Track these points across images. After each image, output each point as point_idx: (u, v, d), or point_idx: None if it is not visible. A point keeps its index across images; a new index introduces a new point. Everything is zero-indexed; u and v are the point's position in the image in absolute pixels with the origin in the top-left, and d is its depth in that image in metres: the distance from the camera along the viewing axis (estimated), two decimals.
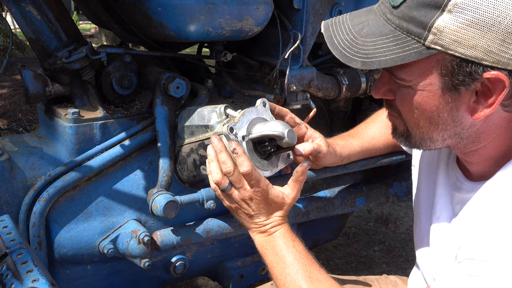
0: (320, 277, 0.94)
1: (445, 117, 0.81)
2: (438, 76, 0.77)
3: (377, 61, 0.77)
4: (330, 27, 0.86)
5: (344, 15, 0.87)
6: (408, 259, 2.48)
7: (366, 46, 0.79)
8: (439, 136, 0.84)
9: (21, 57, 5.87)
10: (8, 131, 2.58)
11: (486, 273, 0.73)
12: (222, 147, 0.98)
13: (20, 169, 1.19)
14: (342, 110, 1.74)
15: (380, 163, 1.41)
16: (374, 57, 0.78)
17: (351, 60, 0.80)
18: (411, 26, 0.75)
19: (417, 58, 0.75)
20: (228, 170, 0.96)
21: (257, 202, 0.98)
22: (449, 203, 0.95)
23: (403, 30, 0.77)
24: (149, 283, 1.46)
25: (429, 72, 0.78)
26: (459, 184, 0.92)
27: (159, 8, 1.18)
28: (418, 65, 0.78)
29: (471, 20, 0.71)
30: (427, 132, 0.85)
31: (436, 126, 0.83)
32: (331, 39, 0.84)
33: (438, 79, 0.78)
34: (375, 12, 0.82)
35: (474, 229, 0.81)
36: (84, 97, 1.30)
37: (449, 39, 0.73)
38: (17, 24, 1.21)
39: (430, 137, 0.85)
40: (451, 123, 0.82)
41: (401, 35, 0.77)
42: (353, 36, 0.81)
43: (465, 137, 0.84)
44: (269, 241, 1.00)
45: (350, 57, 0.80)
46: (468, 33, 0.71)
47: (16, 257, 0.83)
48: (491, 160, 0.86)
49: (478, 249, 0.76)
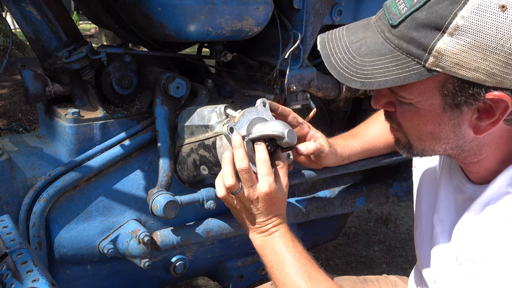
0: (320, 278, 0.94)
1: (447, 133, 0.80)
2: (440, 96, 0.76)
3: (376, 81, 0.76)
4: (326, 44, 0.83)
5: (340, 30, 0.84)
6: (408, 259, 2.48)
7: (365, 66, 0.77)
8: (441, 149, 0.84)
9: (21, 57, 5.87)
10: (8, 131, 2.58)
11: (487, 275, 0.73)
12: (242, 144, 0.98)
13: (20, 169, 1.19)
14: (342, 110, 1.74)
15: (380, 163, 1.41)
16: (374, 78, 0.76)
17: (350, 81, 0.78)
18: (410, 47, 0.73)
19: (418, 79, 0.74)
20: (244, 167, 0.95)
21: (263, 201, 0.98)
22: (451, 205, 0.95)
23: (402, 50, 0.75)
24: (149, 283, 1.46)
25: (430, 92, 0.77)
26: (462, 186, 0.92)
27: (159, 8, 1.18)
28: (419, 85, 0.76)
29: (473, 43, 0.69)
30: (429, 145, 0.84)
31: (438, 140, 0.83)
32: (328, 58, 0.82)
33: (440, 99, 0.77)
34: (372, 29, 0.80)
35: (474, 231, 0.81)
36: (84, 97, 1.30)
37: (451, 62, 0.71)
38: (17, 24, 1.20)
39: (432, 149, 0.85)
40: (453, 137, 0.81)
41: (401, 55, 0.75)
42: (351, 55, 0.79)
43: (466, 149, 0.83)
44: (269, 241, 1.00)
45: (349, 77, 0.78)
46: (470, 56, 0.70)
47: (16, 257, 0.83)
48: (492, 169, 0.85)
49: (479, 251, 0.76)
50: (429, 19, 0.71)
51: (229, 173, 0.97)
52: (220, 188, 1.00)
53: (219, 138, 1.09)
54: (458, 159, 0.89)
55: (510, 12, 0.67)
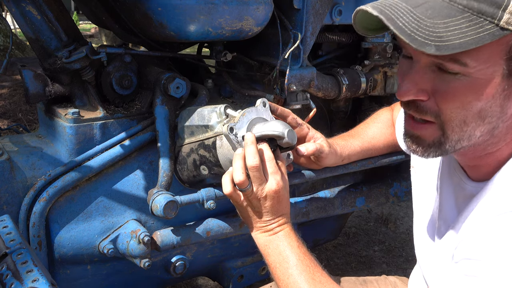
0: (323, 280, 0.93)
1: (496, 107, 0.76)
2: (504, 60, 0.73)
3: (451, 44, 0.69)
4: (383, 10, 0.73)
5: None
6: (408, 259, 2.48)
7: (438, 28, 0.70)
8: (479, 132, 0.79)
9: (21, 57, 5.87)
10: (8, 131, 2.57)
11: (483, 273, 0.72)
12: (254, 142, 0.97)
13: (20, 169, 1.19)
14: (342, 110, 1.74)
15: (380, 163, 1.41)
16: (449, 40, 0.69)
17: (424, 45, 0.69)
18: (482, 5, 0.70)
19: (491, 40, 0.69)
20: (255, 164, 0.94)
21: (271, 199, 0.97)
22: (453, 204, 0.94)
23: (473, 10, 0.70)
24: (149, 283, 1.46)
25: (496, 56, 0.73)
26: (462, 184, 0.92)
27: (159, 8, 1.18)
28: (487, 49, 0.72)
29: None
30: (471, 129, 0.78)
31: (483, 120, 0.77)
32: (394, 21, 0.71)
33: (503, 63, 0.73)
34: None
35: (470, 228, 0.80)
36: (84, 97, 1.30)
37: None
38: (17, 24, 1.20)
39: (470, 134, 0.79)
40: (497, 114, 0.77)
41: (472, 15, 0.70)
42: (419, 18, 0.71)
43: (496, 134, 0.80)
44: (273, 241, 0.99)
45: (423, 41, 0.69)
46: None
47: (16, 257, 0.83)
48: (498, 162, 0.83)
49: (474, 249, 0.76)
50: None
51: (240, 168, 0.96)
52: (227, 184, 0.99)
53: (219, 138, 1.09)
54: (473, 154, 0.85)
55: None
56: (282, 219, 1.00)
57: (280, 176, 0.98)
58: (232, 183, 0.98)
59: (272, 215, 0.99)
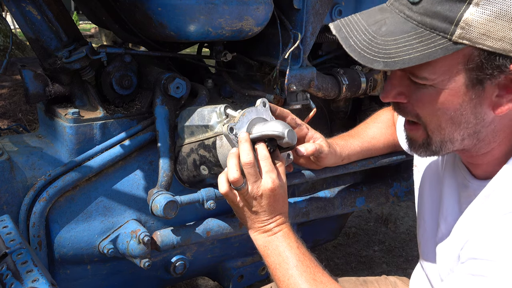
0: (324, 280, 0.93)
1: (468, 115, 0.78)
2: (464, 71, 0.75)
3: (400, 60, 0.73)
4: (343, 28, 0.80)
5: (355, 15, 0.82)
6: (408, 259, 2.48)
7: (388, 45, 0.75)
8: (459, 136, 0.82)
9: (21, 57, 5.87)
10: (8, 131, 2.58)
11: (490, 272, 0.72)
12: (248, 139, 0.97)
13: (20, 169, 1.19)
14: (342, 110, 1.74)
15: (380, 163, 1.41)
16: (397, 57, 0.73)
17: (372, 61, 0.75)
18: (435, 21, 0.72)
19: (444, 54, 0.72)
20: (249, 160, 0.94)
21: (267, 198, 0.97)
22: (456, 202, 0.94)
23: (426, 26, 0.73)
24: (149, 283, 1.46)
25: (454, 68, 0.75)
26: (466, 183, 0.91)
27: (159, 8, 1.18)
28: (443, 62, 0.75)
29: (499, 12, 0.69)
30: (448, 133, 0.82)
31: (458, 125, 0.80)
32: (346, 40, 0.78)
33: (464, 75, 0.75)
34: (390, 11, 0.78)
35: (476, 228, 0.80)
36: (84, 97, 1.30)
37: (477, 33, 0.70)
38: (17, 24, 1.21)
39: (450, 138, 0.82)
40: (473, 121, 0.79)
41: (425, 31, 0.73)
42: (371, 36, 0.76)
43: (482, 137, 0.82)
44: (272, 241, 0.99)
45: (371, 58, 0.75)
46: (496, 25, 0.69)
47: (16, 257, 0.83)
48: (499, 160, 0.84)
49: (481, 248, 0.76)
50: None
51: (234, 166, 0.95)
52: (223, 183, 0.98)
53: (219, 138, 1.09)
54: (470, 152, 0.87)
55: None
56: (280, 218, 1.00)
57: (276, 175, 0.97)
58: (228, 182, 0.97)
59: (269, 214, 0.99)
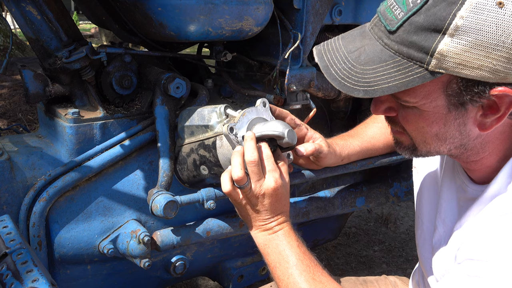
0: (324, 280, 0.93)
1: (453, 132, 0.80)
2: (444, 96, 0.76)
3: (379, 89, 0.75)
4: (324, 55, 0.83)
5: (336, 40, 0.83)
6: (408, 259, 2.48)
7: (367, 74, 0.76)
8: (446, 149, 0.84)
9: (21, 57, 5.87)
10: (8, 131, 2.58)
11: (486, 273, 0.73)
12: (253, 138, 0.98)
13: (20, 169, 1.19)
14: (342, 110, 1.74)
15: (380, 163, 1.41)
16: (376, 85, 0.75)
17: (353, 90, 0.77)
18: (411, 51, 0.73)
19: (422, 82, 0.73)
20: (254, 159, 0.95)
21: (269, 197, 0.97)
22: (454, 206, 0.95)
23: (403, 55, 0.74)
24: (149, 283, 1.46)
25: (434, 94, 0.76)
26: (464, 187, 0.92)
27: (159, 8, 1.18)
28: (423, 88, 0.76)
29: (474, 42, 0.69)
30: (434, 147, 0.84)
31: (443, 141, 0.82)
32: (327, 69, 0.81)
33: (444, 99, 0.77)
34: (369, 36, 0.79)
35: (473, 230, 0.81)
36: (84, 97, 1.30)
37: (453, 63, 0.71)
38: (17, 24, 1.21)
39: (437, 150, 0.85)
40: (458, 137, 0.81)
41: (402, 60, 0.74)
42: (351, 64, 0.78)
43: (469, 148, 0.83)
44: (273, 240, 0.99)
45: (351, 87, 0.77)
46: (472, 55, 0.70)
47: (16, 257, 0.83)
48: (493, 166, 0.85)
49: (477, 250, 0.76)
50: (428, 22, 0.70)
51: (239, 164, 0.96)
52: (226, 182, 0.99)
53: (219, 138, 1.09)
54: (460, 159, 0.89)
55: (508, 7, 0.68)
56: (281, 217, 1.00)
57: (279, 174, 0.98)
58: (231, 181, 0.98)
59: (270, 213, 0.99)
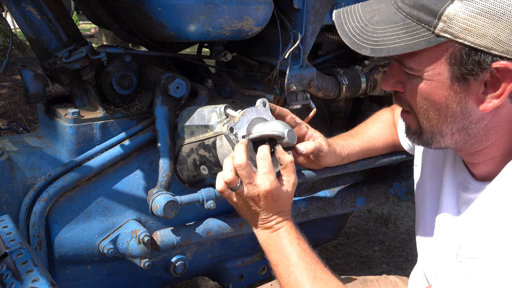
0: (325, 277, 0.93)
1: (454, 108, 0.81)
2: (447, 65, 0.78)
3: (386, 48, 0.78)
4: (341, 15, 0.87)
5: (356, 5, 0.87)
6: (408, 259, 2.48)
7: (376, 33, 0.80)
8: (448, 130, 0.84)
9: (21, 57, 5.87)
10: (8, 131, 2.58)
11: (487, 272, 0.73)
12: (244, 142, 0.98)
13: (20, 169, 1.19)
14: (342, 110, 1.74)
15: (380, 163, 1.41)
16: (384, 45, 0.78)
17: (360, 47, 0.81)
18: (421, 14, 0.76)
19: (426, 46, 0.76)
20: (240, 162, 0.95)
21: (264, 199, 0.97)
22: (455, 202, 0.95)
23: (413, 18, 0.77)
24: (149, 283, 1.46)
25: (438, 61, 0.78)
26: (466, 184, 0.92)
27: (159, 8, 1.18)
28: (427, 54, 0.78)
29: (482, 8, 0.71)
30: (436, 124, 0.85)
31: (445, 118, 0.83)
32: (341, 26, 0.85)
33: (447, 69, 0.78)
34: (386, 1, 0.83)
35: (474, 228, 0.81)
36: (84, 97, 1.30)
37: (459, 27, 0.73)
38: (17, 24, 1.21)
39: (439, 130, 0.85)
40: (459, 115, 0.82)
41: (411, 23, 0.77)
42: (364, 23, 0.82)
43: (473, 134, 0.84)
44: (273, 238, 0.99)
45: (360, 44, 0.81)
46: (478, 21, 0.72)
47: (16, 257, 0.83)
48: (496, 159, 0.85)
49: (479, 248, 0.76)
50: None
51: (229, 167, 0.96)
52: (219, 182, 0.99)
53: (219, 138, 1.09)
54: (464, 149, 0.88)
55: None
56: (280, 216, 1.00)
57: (275, 176, 0.97)
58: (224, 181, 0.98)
59: (268, 213, 0.99)
